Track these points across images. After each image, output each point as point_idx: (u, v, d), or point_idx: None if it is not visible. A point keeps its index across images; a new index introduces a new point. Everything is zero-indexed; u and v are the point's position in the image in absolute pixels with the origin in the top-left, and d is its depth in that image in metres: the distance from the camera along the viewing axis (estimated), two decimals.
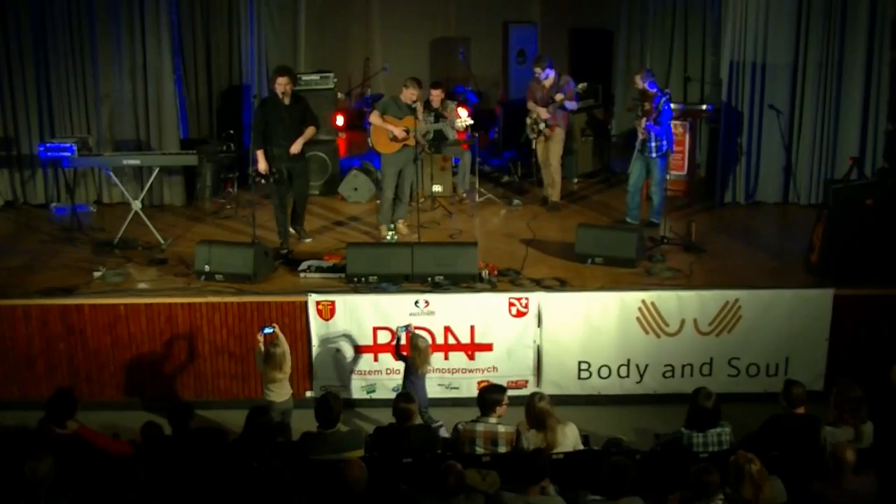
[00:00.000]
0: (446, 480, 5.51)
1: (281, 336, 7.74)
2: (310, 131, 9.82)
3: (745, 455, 5.45)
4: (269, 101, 9.69)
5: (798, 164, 11.18)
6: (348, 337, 8.52)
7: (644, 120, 10.00)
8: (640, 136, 10.15)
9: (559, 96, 10.74)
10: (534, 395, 6.66)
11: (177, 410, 6.61)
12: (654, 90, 10.08)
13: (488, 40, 14.76)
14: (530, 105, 11.03)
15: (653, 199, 10.40)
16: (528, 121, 11.07)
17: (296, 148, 9.70)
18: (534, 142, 11.13)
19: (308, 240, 10.13)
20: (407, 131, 9.88)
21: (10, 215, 11.41)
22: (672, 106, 11.34)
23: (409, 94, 9.88)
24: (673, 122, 10.73)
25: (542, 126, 10.90)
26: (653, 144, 10.12)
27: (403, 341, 8.00)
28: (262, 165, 9.64)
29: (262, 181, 9.72)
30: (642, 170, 10.30)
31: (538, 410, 6.45)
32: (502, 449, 6.53)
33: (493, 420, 6.63)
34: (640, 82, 10.13)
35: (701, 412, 6.40)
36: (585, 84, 10.98)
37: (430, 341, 8.08)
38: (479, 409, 6.68)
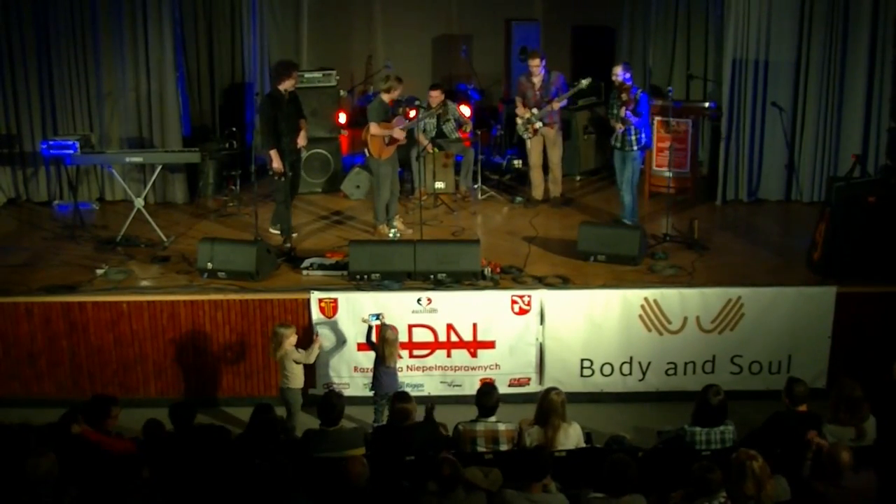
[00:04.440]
0: (442, 472, 5.51)
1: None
2: (304, 124, 10.02)
3: (747, 452, 5.46)
4: (275, 98, 9.71)
5: (801, 162, 11.17)
6: (351, 334, 8.52)
7: (623, 109, 9.89)
8: (618, 130, 10.02)
9: (557, 103, 10.76)
10: (550, 389, 6.66)
11: (179, 408, 6.62)
12: (629, 83, 9.99)
13: (491, 38, 14.74)
14: (520, 109, 10.97)
15: (623, 197, 10.23)
16: (520, 121, 11.03)
17: (303, 140, 9.95)
18: (529, 141, 11.09)
19: (294, 234, 10.10)
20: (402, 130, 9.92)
21: (12, 213, 11.44)
22: (666, 103, 11.37)
23: (395, 94, 9.89)
24: (675, 120, 10.73)
25: (538, 125, 10.88)
26: (632, 137, 9.99)
27: (373, 330, 7.97)
28: (279, 165, 9.67)
29: (280, 178, 9.75)
30: (623, 164, 10.18)
31: (549, 403, 6.44)
32: (504, 447, 6.53)
33: (493, 419, 6.64)
34: (619, 75, 9.99)
35: (709, 409, 6.39)
36: (590, 79, 10.92)
37: (398, 335, 8.02)
38: (479, 412, 6.69)
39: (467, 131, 11.82)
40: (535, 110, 10.86)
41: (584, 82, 10.79)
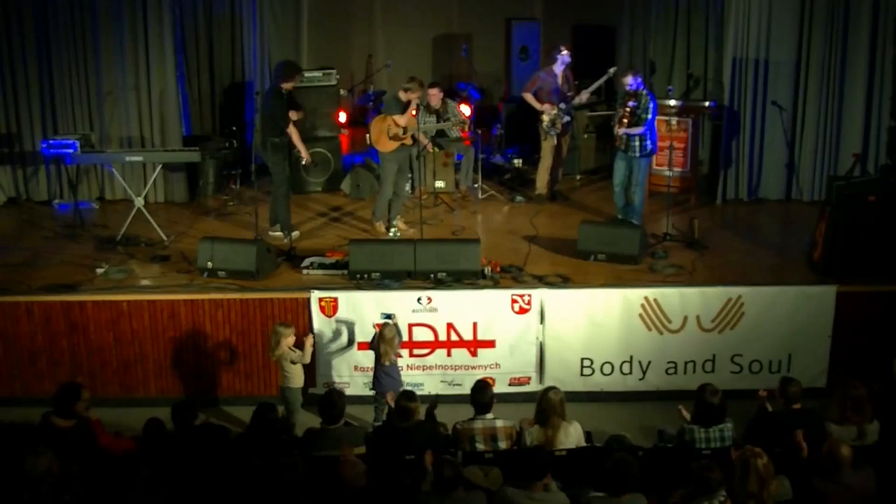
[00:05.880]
0: (442, 474, 5.51)
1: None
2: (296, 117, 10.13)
3: (752, 449, 5.46)
4: (280, 94, 9.75)
5: (801, 161, 11.17)
6: (351, 333, 8.53)
7: (619, 128, 9.91)
8: (620, 132, 10.02)
9: (585, 95, 10.94)
10: (549, 388, 6.67)
11: (180, 407, 6.62)
12: (639, 88, 9.97)
13: (491, 37, 14.77)
14: (545, 106, 10.90)
15: (633, 199, 10.23)
16: (547, 118, 10.96)
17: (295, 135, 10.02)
18: (553, 138, 11.06)
19: (296, 232, 10.11)
20: (405, 130, 9.88)
21: (12, 212, 11.44)
22: (673, 102, 11.36)
23: (413, 96, 9.87)
24: (676, 119, 10.72)
25: (566, 119, 10.93)
26: (636, 144, 9.99)
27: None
28: (307, 155, 10.14)
29: (314, 167, 10.56)
30: (626, 168, 10.17)
31: (548, 403, 6.45)
32: (502, 444, 6.53)
33: (490, 416, 6.64)
34: (630, 85, 9.88)
35: (707, 408, 6.41)
36: (616, 67, 10.91)
37: (395, 332, 7.99)
38: (474, 409, 6.69)
39: (466, 130, 11.83)
40: (562, 105, 10.88)
41: (612, 71, 10.80)
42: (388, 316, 8.07)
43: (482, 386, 6.81)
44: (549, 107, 10.90)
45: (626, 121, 9.88)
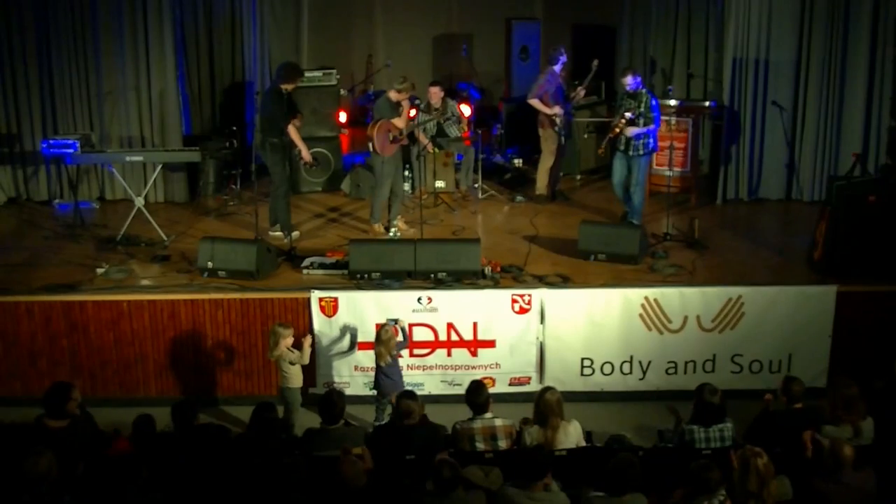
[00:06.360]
0: (441, 475, 5.51)
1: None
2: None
3: (752, 449, 5.46)
4: (280, 94, 9.74)
5: (801, 161, 11.18)
6: (351, 333, 8.53)
7: (613, 134, 9.97)
8: (623, 133, 10.03)
9: (583, 92, 11.00)
10: (545, 389, 6.67)
11: (181, 407, 6.61)
12: (642, 87, 9.96)
13: (491, 37, 14.78)
14: (556, 109, 10.88)
15: (633, 199, 10.24)
16: (559, 120, 10.96)
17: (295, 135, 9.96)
18: (562, 138, 11.07)
19: (296, 232, 10.12)
20: (401, 132, 9.88)
21: (13, 212, 11.44)
22: (673, 102, 11.37)
23: (402, 97, 9.86)
24: (676, 119, 10.72)
25: (570, 118, 10.99)
26: (639, 143, 10.01)
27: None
28: (308, 155, 10.01)
29: (315, 167, 10.64)
30: (624, 168, 10.18)
31: (545, 404, 6.45)
32: (502, 443, 6.53)
33: (489, 415, 6.64)
34: (630, 85, 9.90)
35: (706, 408, 6.41)
36: (597, 60, 11.11)
37: (392, 334, 7.95)
38: (471, 409, 6.68)
39: (466, 130, 11.83)
40: (567, 105, 10.92)
41: (595, 63, 10.94)
42: (396, 321, 8.08)
43: (476, 387, 6.80)
44: (559, 108, 10.91)
45: (618, 130, 9.91)
